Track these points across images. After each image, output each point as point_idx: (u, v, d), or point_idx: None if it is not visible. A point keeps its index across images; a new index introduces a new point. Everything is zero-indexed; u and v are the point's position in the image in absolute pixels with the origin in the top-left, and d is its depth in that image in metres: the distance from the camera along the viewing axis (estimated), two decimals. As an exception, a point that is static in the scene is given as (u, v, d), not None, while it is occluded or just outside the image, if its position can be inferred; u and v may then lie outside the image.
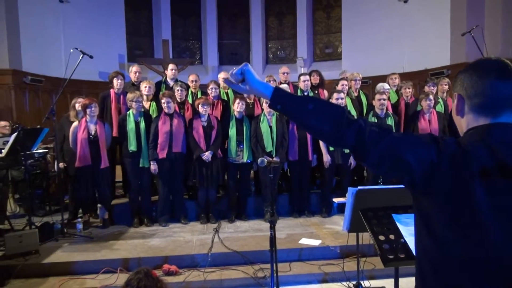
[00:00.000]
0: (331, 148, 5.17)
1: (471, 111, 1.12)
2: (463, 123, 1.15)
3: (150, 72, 9.28)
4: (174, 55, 10.43)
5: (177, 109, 5.21)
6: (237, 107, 5.13)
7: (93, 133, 4.87)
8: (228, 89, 5.85)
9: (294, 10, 11.07)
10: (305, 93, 5.70)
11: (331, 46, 10.95)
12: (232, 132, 5.14)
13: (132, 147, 4.94)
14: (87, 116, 4.87)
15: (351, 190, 2.26)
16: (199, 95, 5.62)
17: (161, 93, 5.29)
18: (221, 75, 5.90)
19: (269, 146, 5.08)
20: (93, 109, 4.85)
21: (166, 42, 9.88)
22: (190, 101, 5.55)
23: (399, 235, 1.98)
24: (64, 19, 8.71)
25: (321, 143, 5.22)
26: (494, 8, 7.52)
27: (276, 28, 11.41)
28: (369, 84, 8.76)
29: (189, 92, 5.66)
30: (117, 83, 5.41)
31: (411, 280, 3.74)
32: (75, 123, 4.92)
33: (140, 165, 4.99)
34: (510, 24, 7.44)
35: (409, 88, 5.75)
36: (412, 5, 8.86)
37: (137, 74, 5.77)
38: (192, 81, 5.73)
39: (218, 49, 11.16)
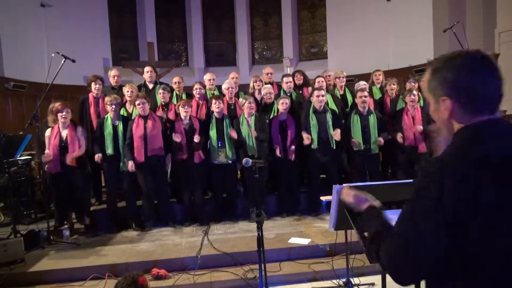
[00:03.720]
0: (314, 146, 5.16)
1: (459, 113, 1.05)
2: (454, 124, 1.08)
3: (136, 75, 9.20)
4: (159, 57, 10.36)
5: (160, 111, 5.17)
6: (215, 108, 5.10)
7: (64, 139, 4.77)
8: (214, 90, 5.84)
9: (279, 10, 11.09)
10: (288, 94, 5.72)
11: (317, 45, 10.99)
12: (213, 132, 5.12)
13: (109, 150, 4.89)
14: (59, 121, 4.79)
15: (336, 188, 2.26)
16: (183, 97, 5.60)
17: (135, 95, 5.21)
18: (207, 77, 5.90)
19: (251, 150, 5.06)
20: (64, 114, 4.76)
21: (151, 44, 9.79)
22: (175, 103, 5.52)
23: (384, 231, 1.98)
24: (46, 24, 8.58)
25: (304, 135, 5.18)
26: (475, 4, 7.64)
27: (262, 28, 11.42)
28: (355, 82, 8.80)
29: (174, 94, 5.64)
30: (95, 87, 5.35)
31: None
32: (48, 130, 4.84)
33: (120, 170, 4.94)
34: (491, 19, 7.56)
35: (393, 85, 5.82)
36: (395, 3, 8.95)
37: (116, 78, 5.70)
38: (175, 82, 5.71)
39: (204, 51, 11.11)
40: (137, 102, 4.89)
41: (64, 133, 4.80)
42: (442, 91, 1.05)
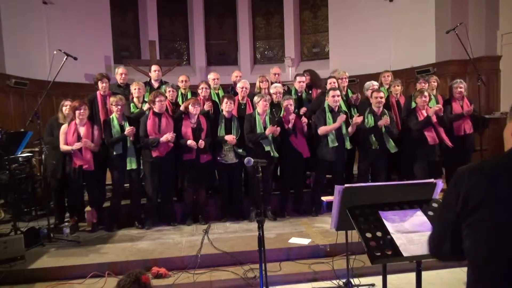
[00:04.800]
0: (332, 144, 5.14)
1: None
2: None
3: (137, 73, 9.19)
4: (161, 56, 10.35)
5: (169, 110, 5.18)
6: (226, 107, 5.10)
7: (82, 136, 4.78)
8: (218, 89, 5.85)
9: (281, 9, 11.07)
10: (299, 94, 5.74)
11: (318, 46, 10.98)
12: (222, 132, 5.11)
13: (120, 150, 4.88)
14: (77, 118, 4.80)
15: (337, 188, 2.26)
16: (189, 96, 5.61)
17: (152, 92, 5.17)
18: (211, 76, 5.91)
19: (266, 144, 5.04)
20: (82, 111, 4.78)
21: (153, 43, 9.79)
22: (180, 102, 5.52)
23: (386, 232, 1.99)
24: (48, 21, 8.58)
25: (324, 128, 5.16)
26: (478, 5, 7.62)
27: (264, 28, 11.40)
28: (357, 82, 8.80)
29: (179, 93, 5.64)
30: (101, 86, 5.36)
31: (400, 277, 3.78)
32: (64, 126, 4.85)
33: (128, 168, 4.93)
34: (493, 21, 7.54)
35: (398, 86, 5.84)
36: (398, 4, 8.93)
37: (123, 76, 5.73)
38: (182, 81, 5.71)
39: (206, 50, 11.10)
40: (157, 99, 4.86)
41: (82, 130, 4.81)
42: None
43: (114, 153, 4.89)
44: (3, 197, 5.68)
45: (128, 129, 4.81)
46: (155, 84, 5.80)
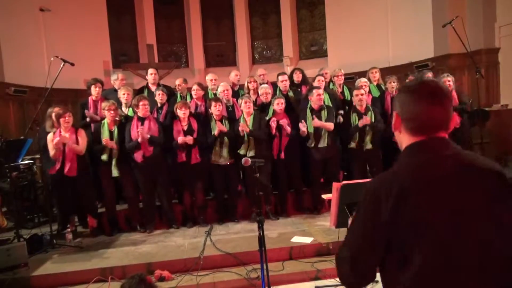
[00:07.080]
0: (310, 144, 5.16)
1: (406, 131, 1.24)
2: (402, 139, 1.27)
3: (136, 77, 9.21)
4: (159, 59, 10.35)
5: (155, 113, 5.19)
6: (215, 110, 5.12)
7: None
8: (216, 90, 5.86)
9: (278, 9, 11.07)
10: (284, 93, 5.74)
11: (316, 44, 10.96)
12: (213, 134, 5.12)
13: (104, 156, 4.87)
14: (62, 126, 4.79)
15: (335, 186, 2.25)
16: (188, 98, 5.63)
17: (136, 97, 5.17)
18: (209, 77, 5.93)
19: (243, 149, 5.04)
20: (66, 118, 4.76)
21: (151, 46, 9.80)
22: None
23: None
24: (45, 28, 8.59)
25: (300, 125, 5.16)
26: (475, -2, 7.59)
27: (261, 28, 11.39)
28: (355, 79, 8.78)
29: (178, 95, 5.67)
30: (95, 90, 5.37)
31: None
32: (50, 134, 4.85)
33: (113, 176, 4.92)
34: (491, 13, 7.51)
35: (394, 82, 5.81)
36: (394, -1, 8.92)
37: (121, 81, 5.75)
38: (178, 84, 5.74)
39: (204, 52, 11.11)
40: (141, 103, 4.88)
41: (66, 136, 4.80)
42: (395, 106, 1.28)
43: (102, 159, 4.89)
44: (6, 205, 5.69)
45: (104, 140, 4.80)
46: (153, 88, 5.81)
